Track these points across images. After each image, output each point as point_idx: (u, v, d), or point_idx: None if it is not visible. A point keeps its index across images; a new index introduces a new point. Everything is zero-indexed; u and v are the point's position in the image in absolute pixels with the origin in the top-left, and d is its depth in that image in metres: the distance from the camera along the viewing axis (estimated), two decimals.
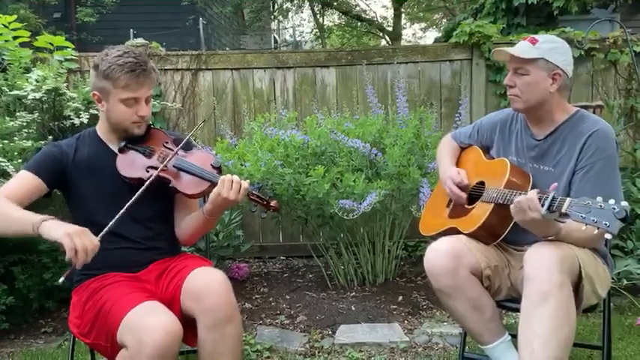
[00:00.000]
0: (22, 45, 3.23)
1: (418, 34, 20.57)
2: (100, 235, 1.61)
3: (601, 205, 1.50)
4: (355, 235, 3.26)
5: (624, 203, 1.48)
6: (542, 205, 1.61)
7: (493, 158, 2.09)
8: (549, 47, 1.85)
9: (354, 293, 3.18)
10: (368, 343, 2.58)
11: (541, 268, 1.67)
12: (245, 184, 1.77)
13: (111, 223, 1.64)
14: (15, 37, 3.19)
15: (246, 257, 3.89)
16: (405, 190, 3.01)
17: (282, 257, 4.04)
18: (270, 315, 2.96)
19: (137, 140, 1.89)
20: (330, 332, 2.73)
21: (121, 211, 1.68)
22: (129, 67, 1.75)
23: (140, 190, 1.74)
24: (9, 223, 1.66)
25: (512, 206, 1.71)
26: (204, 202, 1.92)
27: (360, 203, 2.79)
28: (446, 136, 2.34)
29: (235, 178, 1.77)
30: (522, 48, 1.87)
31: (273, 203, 1.82)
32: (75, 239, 1.53)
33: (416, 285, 3.29)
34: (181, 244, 2.01)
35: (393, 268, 3.36)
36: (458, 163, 2.22)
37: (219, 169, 1.86)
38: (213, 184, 1.78)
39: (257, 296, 3.25)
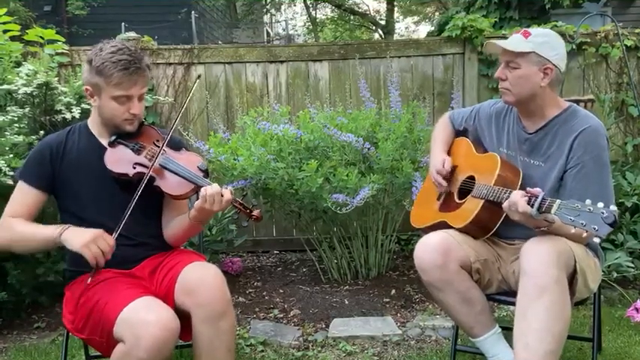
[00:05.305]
0: (12, 39, 3.19)
1: (411, 27, 20.60)
2: (113, 235, 1.70)
3: (590, 209, 1.50)
4: (348, 229, 3.27)
5: (613, 207, 1.49)
6: (532, 206, 1.63)
7: (484, 151, 2.09)
8: (541, 41, 1.84)
9: (347, 287, 3.20)
10: (361, 336, 2.59)
11: (538, 262, 1.68)
12: (228, 194, 1.73)
13: (121, 224, 1.71)
14: (5, 31, 3.16)
15: (239, 251, 3.89)
16: (397, 184, 3.02)
17: (275, 251, 4.04)
18: (264, 309, 2.97)
19: (128, 135, 1.87)
20: (323, 326, 2.74)
21: (126, 213, 1.71)
22: (122, 65, 1.73)
23: (139, 188, 1.74)
24: (29, 243, 1.78)
25: (504, 206, 1.73)
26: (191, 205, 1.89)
27: (353, 197, 2.80)
28: (444, 115, 2.31)
29: (217, 190, 1.72)
30: (514, 41, 1.87)
31: (255, 213, 1.78)
32: (92, 248, 1.64)
33: (409, 278, 3.31)
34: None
35: (386, 261, 3.38)
36: (449, 155, 2.23)
37: (205, 172, 1.83)
38: (198, 187, 1.76)
39: (250, 290, 3.26)
